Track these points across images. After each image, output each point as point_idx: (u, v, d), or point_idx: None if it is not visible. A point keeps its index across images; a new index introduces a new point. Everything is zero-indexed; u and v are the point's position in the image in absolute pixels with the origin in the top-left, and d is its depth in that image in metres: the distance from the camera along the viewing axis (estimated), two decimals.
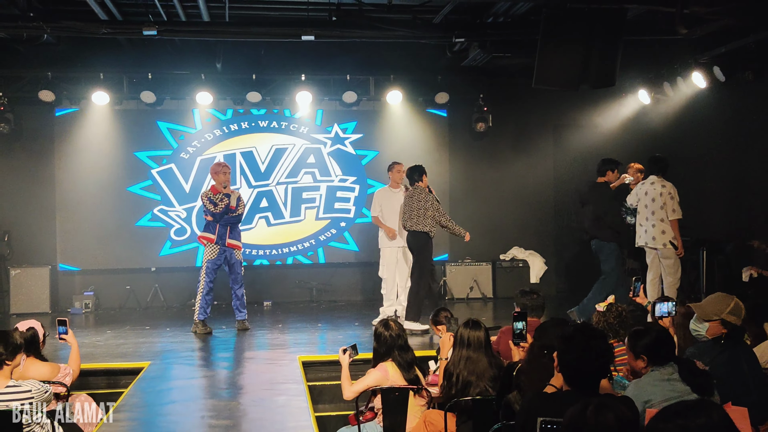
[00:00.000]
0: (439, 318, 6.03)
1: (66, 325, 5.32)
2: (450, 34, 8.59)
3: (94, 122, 10.69)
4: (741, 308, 4.28)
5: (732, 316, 4.26)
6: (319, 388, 6.67)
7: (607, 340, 3.37)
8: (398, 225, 8.86)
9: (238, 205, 8.70)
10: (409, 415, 4.92)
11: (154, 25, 8.03)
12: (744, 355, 4.25)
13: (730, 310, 4.26)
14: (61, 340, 5.35)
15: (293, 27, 8.42)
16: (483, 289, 11.23)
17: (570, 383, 3.25)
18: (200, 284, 8.63)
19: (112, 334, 8.68)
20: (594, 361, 3.20)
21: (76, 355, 5.33)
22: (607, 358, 3.29)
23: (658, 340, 3.78)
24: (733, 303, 4.30)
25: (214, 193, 8.63)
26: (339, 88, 10.77)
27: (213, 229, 8.59)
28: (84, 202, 10.71)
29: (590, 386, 3.21)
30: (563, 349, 3.27)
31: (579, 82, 7.35)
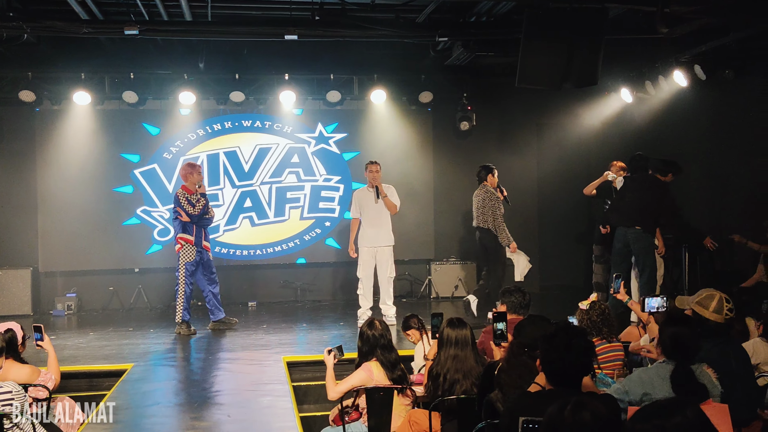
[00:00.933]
0: (409, 323, 6.04)
1: (41, 331, 5.22)
2: (433, 33, 8.59)
3: (75, 122, 10.61)
4: (722, 304, 4.23)
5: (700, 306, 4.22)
6: (303, 389, 6.67)
7: (588, 338, 3.38)
8: (373, 225, 8.88)
9: (209, 208, 8.80)
10: (394, 414, 4.93)
11: (135, 24, 7.97)
12: (734, 353, 4.22)
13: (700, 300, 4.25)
14: (38, 347, 5.27)
15: (276, 26, 8.38)
16: (468, 288, 11.24)
17: (552, 382, 3.26)
18: (180, 287, 8.62)
19: (95, 336, 8.62)
20: (576, 359, 3.21)
21: (54, 363, 5.23)
22: (588, 356, 3.31)
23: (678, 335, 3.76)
24: (706, 294, 4.28)
25: (189, 193, 8.61)
26: (323, 88, 10.75)
27: (191, 230, 8.60)
28: (66, 203, 10.62)
29: (573, 384, 3.23)
30: (545, 348, 3.28)
31: (562, 81, 7.37)
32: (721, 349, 4.17)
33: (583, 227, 11.62)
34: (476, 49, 9.15)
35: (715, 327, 4.21)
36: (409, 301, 11.16)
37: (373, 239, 8.89)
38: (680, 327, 3.81)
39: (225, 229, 11.08)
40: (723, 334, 4.26)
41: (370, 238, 8.90)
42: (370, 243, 8.90)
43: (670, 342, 3.78)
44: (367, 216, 8.93)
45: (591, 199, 9.83)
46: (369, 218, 8.92)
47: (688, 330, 3.83)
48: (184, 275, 8.60)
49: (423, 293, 11.29)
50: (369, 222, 8.91)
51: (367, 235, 8.92)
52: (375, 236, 8.88)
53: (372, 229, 8.90)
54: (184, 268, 8.61)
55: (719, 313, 4.18)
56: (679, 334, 3.78)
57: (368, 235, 8.91)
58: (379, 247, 8.90)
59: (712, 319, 4.20)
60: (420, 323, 5.99)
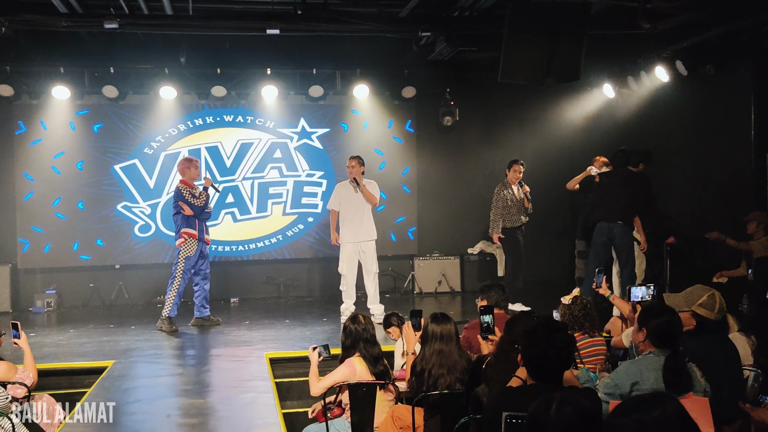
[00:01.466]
0: (390, 321, 6.06)
1: (18, 328, 5.16)
2: (416, 27, 8.57)
3: (54, 117, 10.48)
4: (716, 302, 4.22)
5: (703, 309, 4.23)
6: (286, 385, 6.64)
7: (568, 333, 3.39)
8: (354, 220, 8.82)
9: (210, 202, 8.87)
10: (377, 410, 4.92)
11: (115, 18, 7.88)
12: (722, 351, 4.21)
13: (702, 302, 4.26)
14: (15, 345, 5.21)
15: (258, 21, 8.32)
16: (451, 283, 11.26)
17: (534, 376, 3.27)
18: (175, 281, 8.56)
19: (75, 333, 8.53)
20: (557, 354, 3.22)
21: (31, 361, 5.15)
22: (569, 350, 3.32)
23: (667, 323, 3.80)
24: (707, 296, 4.28)
25: (189, 187, 8.64)
26: (305, 83, 10.69)
27: (194, 224, 8.61)
28: (45, 199, 10.50)
29: (554, 379, 3.24)
30: (526, 343, 3.29)
31: (544, 76, 7.39)
32: (711, 347, 4.17)
33: (565, 222, 11.67)
34: (459, 44, 9.14)
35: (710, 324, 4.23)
36: (392, 296, 11.15)
37: (355, 234, 8.80)
38: (666, 316, 3.83)
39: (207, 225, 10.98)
40: (715, 331, 4.27)
41: (352, 233, 8.81)
42: (352, 238, 8.82)
43: (659, 332, 3.79)
44: (348, 210, 8.85)
45: (573, 194, 9.86)
46: (350, 213, 8.84)
47: (675, 318, 3.87)
48: (182, 270, 8.57)
49: (406, 289, 11.29)
50: (350, 216, 8.83)
51: (349, 230, 8.83)
52: (357, 231, 8.79)
53: (353, 223, 8.81)
54: (184, 262, 8.58)
55: (721, 313, 4.22)
56: (666, 323, 3.80)
57: (350, 230, 8.82)
58: (363, 242, 8.82)
59: (712, 318, 4.21)
60: (400, 320, 5.99)
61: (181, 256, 8.58)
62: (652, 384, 3.64)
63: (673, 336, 3.80)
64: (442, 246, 11.54)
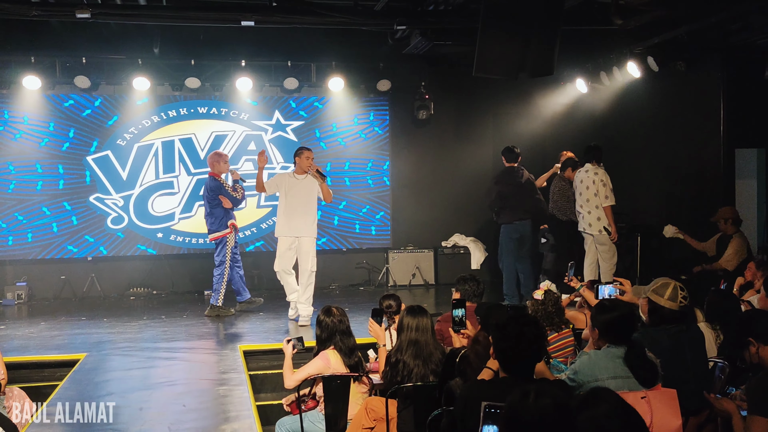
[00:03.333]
0: None
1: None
2: (391, 21, 8.59)
3: (24, 107, 10.34)
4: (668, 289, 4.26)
5: (655, 294, 4.30)
6: (260, 377, 6.64)
7: (539, 326, 3.44)
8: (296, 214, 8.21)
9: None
10: (351, 402, 4.95)
11: (87, 8, 7.79)
12: (689, 343, 4.26)
13: (655, 288, 4.33)
14: None
15: (233, 12, 8.28)
16: (425, 276, 11.32)
17: (506, 370, 3.31)
18: (225, 271, 8.85)
19: (46, 326, 8.45)
20: (528, 347, 3.27)
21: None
22: (540, 343, 3.37)
23: (617, 319, 3.87)
24: (661, 283, 4.35)
25: (219, 179, 8.92)
26: (280, 75, 10.66)
27: (233, 215, 8.98)
28: (15, 191, 10.37)
29: (526, 372, 3.29)
30: (498, 336, 3.34)
31: (518, 71, 7.44)
32: (675, 338, 4.22)
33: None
34: (434, 38, 9.16)
35: (669, 314, 4.28)
36: (366, 289, 11.18)
37: (295, 229, 8.20)
38: (616, 312, 3.91)
39: (180, 217, 10.94)
40: (677, 322, 4.33)
41: (291, 228, 8.20)
42: (291, 232, 8.22)
43: (614, 327, 3.87)
44: (291, 203, 8.18)
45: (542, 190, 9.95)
46: (292, 206, 8.17)
47: (625, 312, 3.95)
48: (230, 259, 8.86)
49: (381, 281, 11.32)
50: (292, 210, 8.19)
51: (288, 224, 8.22)
52: (298, 226, 8.19)
53: (294, 218, 8.19)
54: (231, 253, 8.85)
55: (674, 300, 4.24)
56: (616, 318, 3.88)
57: (290, 224, 8.21)
58: (302, 237, 8.22)
59: (667, 306, 4.25)
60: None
61: (228, 246, 8.86)
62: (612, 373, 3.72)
63: (624, 330, 3.88)
64: (417, 239, 11.58)
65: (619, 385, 3.66)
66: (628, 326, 3.91)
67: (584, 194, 8.58)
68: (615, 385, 3.66)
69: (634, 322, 4.00)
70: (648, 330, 4.31)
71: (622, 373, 3.74)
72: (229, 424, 5.00)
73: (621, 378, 3.73)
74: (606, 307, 3.99)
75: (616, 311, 3.92)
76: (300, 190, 8.26)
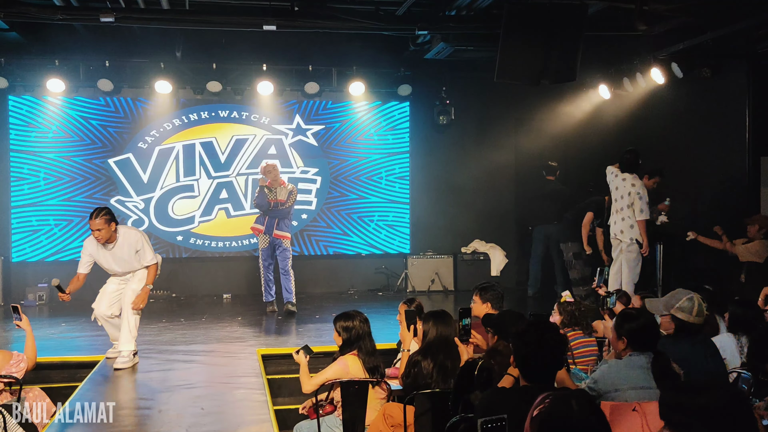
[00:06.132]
0: None
1: (19, 311, 5.37)
2: (413, 26, 8.57)
3: (48, 110, 10.45)
4: (695, 305, 4.24)
5: (682, 312, 4.25)
6: (278, 382, 6.63)
7: (560, 333, 3.40)
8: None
9: (288, 198, 9.19)
10: (369, 408, 4.92)
11: (111, 11, 7.86)
12: (707, 353, 4.24)
13: (681, 305, 4.28)
14: (17, 326, 5.38)
15: (255, 16, 8.30)
16: (444, 282, 11.27)
17: (527, 377, 3.27)
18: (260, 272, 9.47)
19: (67, 327, 8.52)
20: (548, 354, 3.22)
21: (32, 343, 5.26)
22: (560, 350, 3.32)
23: (644, 327, 3.84)
24: (686, 299, 4.30)
25: (267, 185, 9.23)
26: (301, 79, 10.68)
27: (262, 220, 9.28)
28: (38, 192, 10.48)
29: (546, 379, 3.24)
30: (518, 344, 3.29)
31: (540, 77, 7.40)
32: (696, 349, 4.20)
33: None
34: (456, 43, 9.15)
35: (695, 328, 4.25)
36: (385, 294, 11.16)
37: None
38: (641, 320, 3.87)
39: (200, 221, 11.00)
40: (698, 333, 4.29)
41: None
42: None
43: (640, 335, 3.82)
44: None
45: None
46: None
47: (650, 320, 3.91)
48: (260, 260, 9.41)
49: (399, 287, 11.29)
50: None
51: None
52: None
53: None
54: (259, 254, 9.45)
55: (700, 316, 4.24)
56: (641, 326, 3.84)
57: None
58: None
59: (694, 322, 4.24)
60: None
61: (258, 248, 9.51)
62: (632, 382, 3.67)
63: (650, 338, 3.84)
64: (436, 245, 11.55)
65: (640, 395, 3.61)
66: (653, 334, 3.88)
67: (619, 202, 8.44)
68: (635, 395, 3.61)
69: (657, 329, 3.97)
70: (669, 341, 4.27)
71: (642, 383, 3.69)
72: (246, 427, 4.99)
73: (641, 388, 3.68)
74: (631, 316, 3.94)
75: (642, 319, 3.88)
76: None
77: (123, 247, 6.61)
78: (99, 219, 6.39)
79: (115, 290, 6.83)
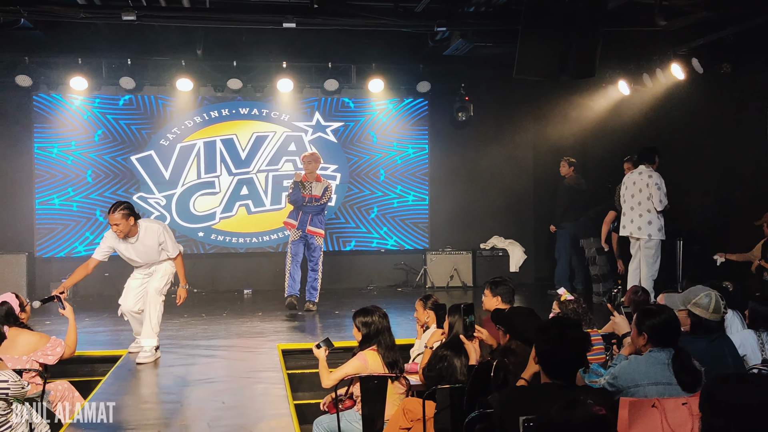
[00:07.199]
0: None
1: (62, 300, 5.69)
2: (431, 23, 8.58)
3: (71, 109, 10.59)
4: (712, 302, 4.23)
5: (698, 308, 4.25)
6: (298, 377, 6.69)
7: (581, 330, 3.38)
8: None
9: (323, 194, 9.12)
10: (388, 403, 4.95)
11: (133, 10, 7.94)
12: (726, 349, 4.23)
13: (697, 301, 4.27)
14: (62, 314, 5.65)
15: (274, 14, 8.35)
16: (463, 278, 11.28)
17: (548, 373, 3.26)
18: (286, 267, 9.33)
19: (90, 322, 8.64)
20: (569, 350, 3.22)
21: (73, 330, 5.39)
22: (583, 347, 3.29)
23: (665, 322, 3.84)
24: (703, 294, 4.29)
25: (304, 180, 9.17)
26: (320, 76, 10.73)
27: (295, 216, 9.20)
28: (62, 189, 10.62)
29: (567, 376, 3.23)
30: (539, 340, 3.28)
31: (559, 73, 7.37)
32: (714, 346, 4.19)
33: None
34: (475, 40, 9.14)
35: (713, 326, 4.24)
36: (404, 290, 11.19)
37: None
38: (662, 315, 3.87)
39: (221, 217, 11.10)
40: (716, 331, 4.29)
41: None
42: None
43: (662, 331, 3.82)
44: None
45: None
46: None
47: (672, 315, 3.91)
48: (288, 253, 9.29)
49: (418, 283, 11.32)
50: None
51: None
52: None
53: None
54: (288, 248, 9.34)
55: (717, 312, 4.23)
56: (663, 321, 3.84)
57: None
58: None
59: (711, 318, 4.23)
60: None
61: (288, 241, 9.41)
62: (652, 378, 3.67)
63: (672, 333, 3.83)
64: (455, 241, 11.56)
65: (660, 391, 3.62)
66: (674, 329, 3.87)
67: (636, 196, 8.41)
68: (655, 391, 3.61)
69: (679, 325, 3.96)
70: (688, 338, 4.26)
71: (662, 379, 3.69)
72: (266, 422, 5.05)
73: (661, 384, 3.68)
74: (652, 312, 3.94)
75: (663, 314, 3.88)
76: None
77: (145, 240, 6.68)
78: (117, 213, 6.44)
79: (139, 285, 6.91)
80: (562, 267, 10.39)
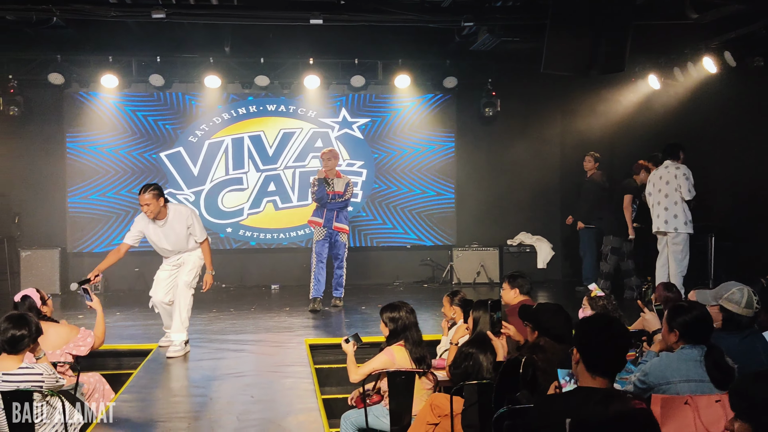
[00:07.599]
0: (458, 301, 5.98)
1: (89, 292, 5.62)
2: (458, 18, 8.56)
3: (103, 105, 10.74)
4: (744, 296, 4.16)
5: (730, 302, 4.19)
6: (326, 371, 6.72)
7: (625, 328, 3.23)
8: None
9: (345, 190, 9.11)
10: (415, 398, 4.96)
11: (162, 8, 8.03)
12: (761, 345, 4.17)
13: (729, 296, 4.21)
14: (89, 307, 5.58)
15: (301, 10, 8.39)
16: (490, 274, 11.25)
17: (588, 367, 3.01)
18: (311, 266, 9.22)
19: (121, 316, 8.75)
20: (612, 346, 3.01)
21: (101, 321, 5.43)
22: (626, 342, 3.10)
23: (696, 319, 3.81)
24: (736, 289, 4.23)
25: (326, 177, 9.06)
26: (347, 72, 10.76)
27: (320, 213, 9.12)
28: (93, 185, 10.78)
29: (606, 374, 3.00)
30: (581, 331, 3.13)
31: (588, 68, 7.32)
32: (746, 342, 4.13)
33: None
34: (501, 35, 9.10)
35: (745, 321, 4.19)
36: (430, 286, 11.19)
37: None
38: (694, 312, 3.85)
39: (249, 213, 11.17)
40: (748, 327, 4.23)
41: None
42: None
43: (694, 328, 3.78)
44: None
45: None
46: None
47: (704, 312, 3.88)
48: (312, 253, 9.19)
49: (445, 279, 11.31)
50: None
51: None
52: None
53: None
54: (313, 247, 9.23)
55: (750, 307, 4.17)
56: (695, 318, 3.82)
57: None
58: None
59: (744, 314, 4.18)
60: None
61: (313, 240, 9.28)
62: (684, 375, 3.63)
63: (704, 330, 3.80)
64: (482, 237, 11.52)
65: (692, 389, 3.59)
66: (707, 326, 3.83)
67: (663, 190, 8.33)
68: (687, 388, 3.58)
69: (711, 322, 3.92)
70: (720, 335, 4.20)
71: (695, 376, 3.65)
72: (294, 416, 5.08)
73: (694, 381, 3.64)
74: (683, 309, 3.90)
75: (695, 311, 3.84)
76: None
77: (173, 223, 6.77)
78: (148, 194, 6.57)
79: (168, 276, 7.00)
80: (589, 264, 10.27)
